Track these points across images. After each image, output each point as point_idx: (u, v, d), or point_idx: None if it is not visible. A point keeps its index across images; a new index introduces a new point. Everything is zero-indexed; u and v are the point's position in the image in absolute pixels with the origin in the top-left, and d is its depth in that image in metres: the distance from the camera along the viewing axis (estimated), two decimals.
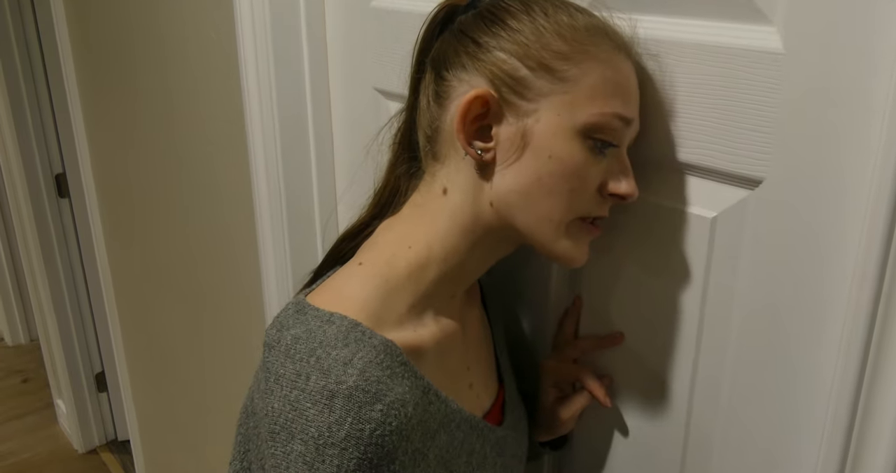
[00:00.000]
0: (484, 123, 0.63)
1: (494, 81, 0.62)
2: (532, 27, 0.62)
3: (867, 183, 0.55)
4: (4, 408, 3.19)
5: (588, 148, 0.62)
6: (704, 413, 0.73)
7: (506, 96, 0.62)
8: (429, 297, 0.67)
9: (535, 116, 0.62)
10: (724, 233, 0.66)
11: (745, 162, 0.63)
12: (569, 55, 0.61)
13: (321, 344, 0.59)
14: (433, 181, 0.68)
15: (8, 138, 2.60)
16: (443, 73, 0.65)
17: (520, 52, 0.62)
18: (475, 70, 0.63)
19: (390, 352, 0.60)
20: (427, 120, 0.68)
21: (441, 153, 0.67)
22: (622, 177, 0.65)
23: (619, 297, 0.78)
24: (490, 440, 0.73)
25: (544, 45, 0.61)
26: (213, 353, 1.63)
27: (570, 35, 0.62)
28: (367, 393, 0.57)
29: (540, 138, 0.62)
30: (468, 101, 0.62)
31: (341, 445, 0.56)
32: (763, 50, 0.59)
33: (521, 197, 0.64)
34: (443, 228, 0.66)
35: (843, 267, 0.59)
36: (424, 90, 0.68)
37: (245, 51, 1.08)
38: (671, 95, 0.67)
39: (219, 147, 1.34)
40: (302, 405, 0.57)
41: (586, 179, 0.63)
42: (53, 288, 2.73)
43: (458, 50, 0.65)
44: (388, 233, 0.69)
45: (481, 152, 0.64)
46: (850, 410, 0.59)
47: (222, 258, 1.46)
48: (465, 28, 0.65)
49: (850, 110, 0.56)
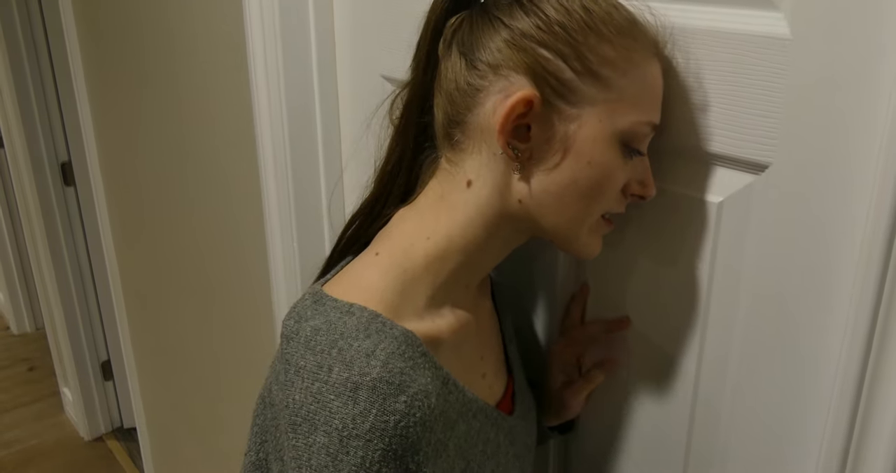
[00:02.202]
0: (522, 122, 0.61)
1: (537, 81, 0.60)
2: (575, 23, 0.59)
3: (873, 168, 0.56)
4: (11, 396, 3.21)
5: (621, 154, 0.63)
6: (711, 395, 0.73)
7: (549, 98, 0.60)
8: (446, 288, 0.66)
9: (577, 122, 0.61)
10: (731, 218, 0.67)
11: (751, 147, 0.63)
12: (615, 62, 0.60)
13: (342, 336, 0.58)
14: (456, 171, 0.66)
15: (14, 127, 2.60)
16: (476, 62, 0.62)
17: (565, 52, 0.59)
18: (516, 65, 0.60)
19: (411, 343, 0.60)
20: (452, 108, 0.65)
21: (468, 145, 0.65)
22: (644, 176, 0.66)
23: (625, 282, 0.78)
24: (503, 429, 0.74)
25: (590, 48, 0.59)
26: (218, 341, 1.64)
27: (616, 38, 0.60)
28: (391, 384, 0.56)
29: (581, 144, 0.61)
30: (514, 104, 0.60)
31: (366, 436, 0.55)
32: (770, 36, 0.60)
33: (554, 198, 0.63)
34: (464, 220, 0.65)
35: (849, 252, 0.59)
36: (449, 74, 0.64)
37: (253, 40, 1.08)
38: (678, 80, 0.67)
39: (226, 135, 1.34)
40: (325, 397, 0.56)
41: (616, 183, 0.64)
42: (59, 276, 2.74)
43: (494, 37, 0.61)
44: (406, 223, 0.68)
45: (518, 152, 0.62)
46: (854, 393, 0.59)
47: (229, 246, 1.46)
48: (499, 12, 0.62)
49: (857, 96, 0.56)
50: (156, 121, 1.61)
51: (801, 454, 0.67)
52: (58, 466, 2.81)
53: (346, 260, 0.70)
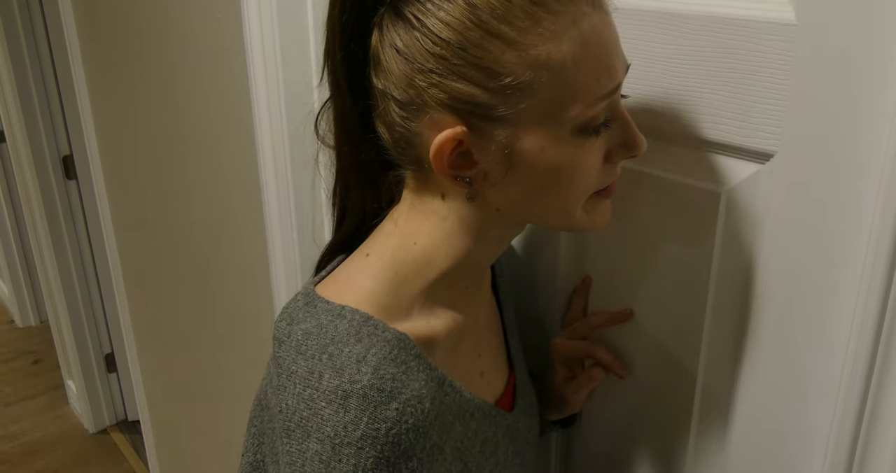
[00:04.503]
0: (462, 150, 0.57)
1: (458, 113, 0.56)
2: (471, 35, 0.53)
3: (881, 155, 0.55)
4: (16, 389, 3.22)
5: (583, 138, 0.57)
6: (715, 387, 0.73)
7: (476, 125, 0.56)
8: (441, 288, 0.65)
9: (516, 137, 0.56)
10: (736, 208, 0.66)
11: (756, 135, 0.62)
12: (530, 62, 0.53)
13: (333, 341, 0.58)
14: (426, 187, 0.63)
15: (15, 121, 2.60)
16: (399, 103, 0.58)
17: (471, 75, 0.54)
18: (429, 104, 0.56)
19: (404, 346, 0.59)
20: (396, 144, 0.61)
21: (425, 168, 0.61)
22: (626, 136, 0.60)
23: (629, 273, 0.77)
24: (502, 426, 0.73)
25: (496, 60, 0.53)
26: (220, 333, 1.64)
27: (521, 31, 0.53)
28: (382, 391, 0.56)
29: (528, 155, 0.57)
30: (440, 146, 0.56)
31: (357, 444, 0.55)
32: (775, 22, 0.59)
33: (528, 201, 0.61)
34: (447, 231, 0.63)
35: (857, 241, 0.58)
36: (382, 107, 0.60)
37: (251, 31, 1.08)
38: (681, 68, 0.66)
39: (225, 127, 1.34)
40: (316, 404, 0.56)
41: (589, 168, 0.59)
42: (62, 269, 2.75)
43: (395, 69, 0.57)
44: (394, 226, 0.65)
45: (468, 180, 0.59)
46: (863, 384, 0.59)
47: (230, 238, 1.46)
48: (397, 43, 0.56)
49: (863, 82, 0.55)
50: (154, 114, 1.60)
51: (808, 452, 0.66)
52: (62, 458, 2.82)
53: (340, 257, 0.69)
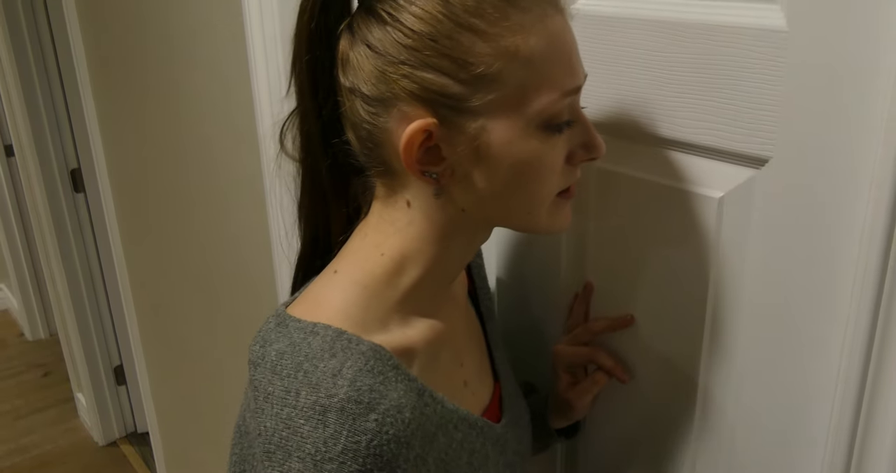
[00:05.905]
0: (429, 145, 0.58)
1: (429, 104, 0.57)
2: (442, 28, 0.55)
3: (873, 160, 0.55)
4: (26, 402, 3.24)
5: (547, 135, 0.59)
6: (715, 389, 0.73)
7: (446, 117, 0.57)
8: (413, 298, 0.64)
9: (484, 129, 0.58)
10: (732, 213, 0.66)
11: (750, 141, 0.63)
12: (500, 54, 0.56)
13: (307, 358, 0.57)
14: (392, 193, 0.64)
15: (24, 135, 2.62)
16: (366, 99, 0.59)
17: (443, 66, 0.56)
18: (399, 95, 0.57)
19: (380, 357, 0.58)
20: (363, 144, 0.62)
21: (392, 168, 0.62)
22: (586, 138, 0.62)
23: (629, 279, 0.78)
24: (490, 438, 0.71)
25: (467, 51, 0.55)
26: (228, 345, 1.64)
27: (491, 24, 0.55)
28: (360, 403, 0.55)
29: (497, 148, 0.58)
30: (410, 137, 0.57)
31: (339, 459, 0.54)
32: (767, 28, 0.59)
33: (494, 200, 0.61)
34: (415, 236, 0.63)
35: (851, 244, 0.58)
36: (349, 107, 0.61)
37: (254, 41, 1.09)
38: (675, 75, 0.67)
39: (230, 138, 1.35)
40: (295, 422, 0.55)
41: (552, 165, 0.61)
42: (71, 283, 2.76)
43: (366, 64, 0.58)
44: (361, 240, 0.66)
45: (436, 175, 0.60)
46: (858, 387, 0.59)
47: (236, 250, 1.47)
48: (369, 39, 0.58)
49: (856, 87, 0.55)
50: (160, 127, 1.61)
51: (807, 452, 0.66)
52: (73, 471, 2.83)
53: (310, 281, 0.68)
